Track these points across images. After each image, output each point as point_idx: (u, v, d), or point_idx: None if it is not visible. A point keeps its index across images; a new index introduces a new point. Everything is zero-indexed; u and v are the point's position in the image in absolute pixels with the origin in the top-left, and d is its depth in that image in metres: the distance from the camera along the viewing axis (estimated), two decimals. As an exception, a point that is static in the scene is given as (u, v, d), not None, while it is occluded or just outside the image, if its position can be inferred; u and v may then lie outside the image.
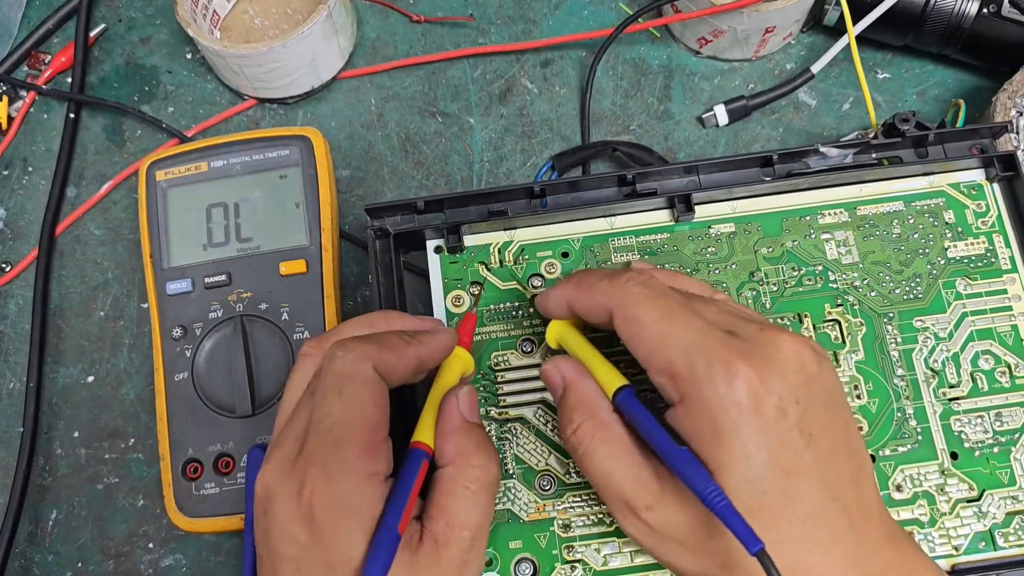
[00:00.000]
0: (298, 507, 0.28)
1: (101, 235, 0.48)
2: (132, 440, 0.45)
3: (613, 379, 0.31)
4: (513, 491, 0.37)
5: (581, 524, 0.36)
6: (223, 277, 0.42)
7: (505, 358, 0.38)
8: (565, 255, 0.40)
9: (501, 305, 0.39)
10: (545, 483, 0.37)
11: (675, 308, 0.30)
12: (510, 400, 0.38)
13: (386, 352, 0.31)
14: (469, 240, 0.40)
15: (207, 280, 0.42)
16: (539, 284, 0.39)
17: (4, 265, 0.48)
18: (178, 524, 0.40)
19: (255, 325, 0.41)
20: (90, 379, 0.46)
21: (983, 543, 0.36)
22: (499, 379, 0.38)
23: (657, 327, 0.29)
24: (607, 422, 0.31)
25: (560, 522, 0.36)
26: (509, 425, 0.37)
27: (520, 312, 0.39)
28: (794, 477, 0.27)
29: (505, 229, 0.40)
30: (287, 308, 0.42)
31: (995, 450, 0.37)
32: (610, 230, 0.40)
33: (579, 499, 0.36)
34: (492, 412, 0.38)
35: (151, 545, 0.43)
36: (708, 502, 0.26)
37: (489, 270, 0.40)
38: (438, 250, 0.40)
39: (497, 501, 0.36)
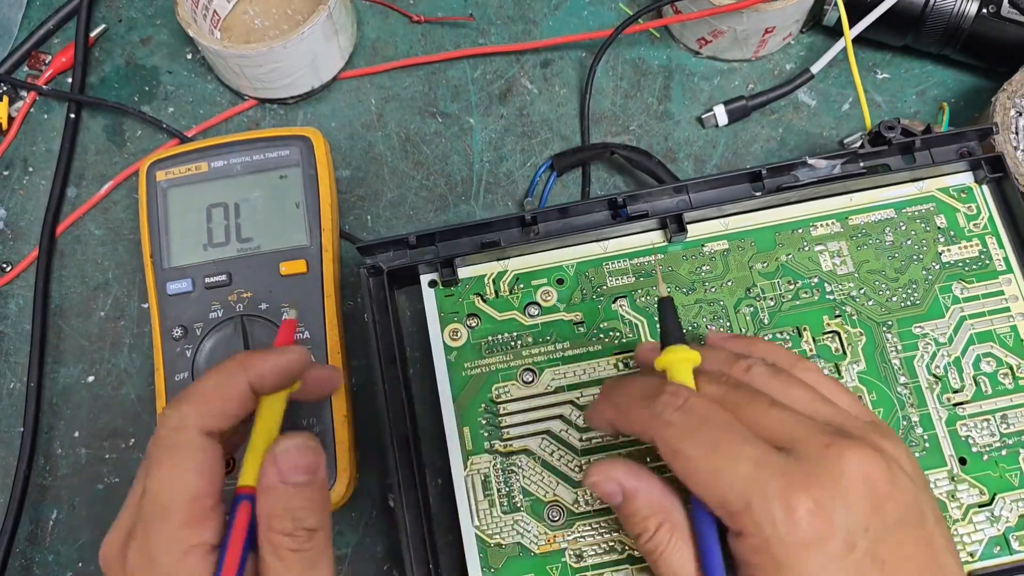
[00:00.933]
0: None
1: (101, 235, 0.48)
2: (132, 440, 0.45)
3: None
4: (522, 524, 0.36)
5: (593, 553, 0.36)
6: (223, 277, 0.42)
7: (507, 390, 0.38)
8: (560, 282, 0.40)
9: (499, 336, 0.39)
10: (554, 514, 0.36)
11: (721, 437, 0.27)
12: (514, 432, 0.38)
13: (205, 406, 0.29)
14: (463, 272, 0.40)
15: (207, 280, 0.42)
16: (536, 312, 0.39)
17: (4, 265, 0.48)
18: (178, 524, 0.40)
19: (255, 325, 0.41)
20: (90, 379, 0.46)
21: (998, 547, 0.36)
22: (501, 411, 0.38)
23: (704, 463, 0.27)
24: (683, 524, 0.29)
25: (572, 552, 0.36)
26: (515, 458, 0.37)
27: (519, 342, 0.39)
28: None
29: (498, 259, 0.40)
30: (287, 308, 0.42)
31: (1003, 453, 0.37)
32: (604, 254, 0.40)
33: (589, 528, 0.36)
34: (496, 445, 0.37)
35: (151, 545, 0.43)
36: None
37: (485, 301, 0.40)
38: (432, 284, 0.40)
39: (506, 534, 0.36)
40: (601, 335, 0.39)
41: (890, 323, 0.39)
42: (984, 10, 0.45)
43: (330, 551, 0.29)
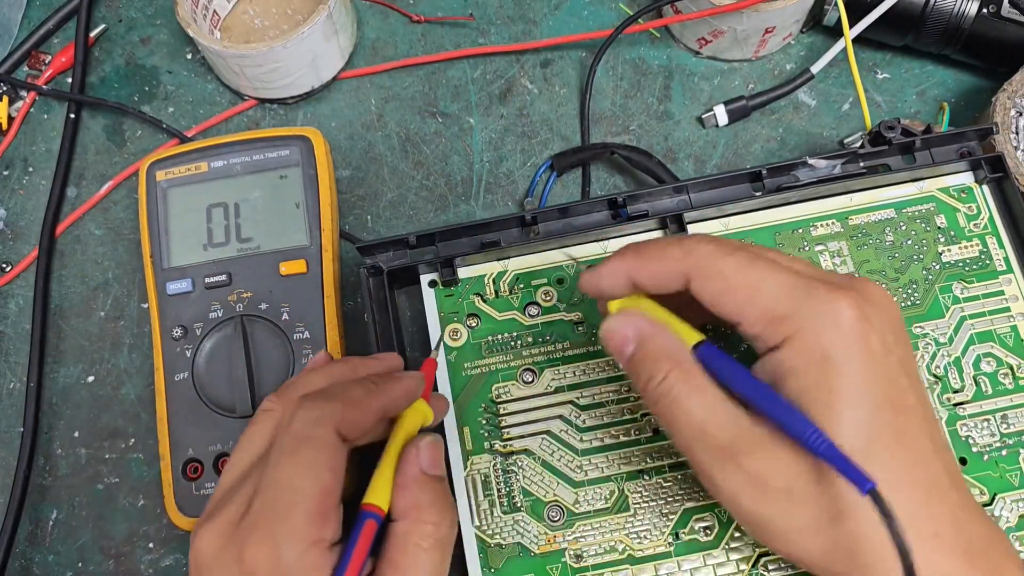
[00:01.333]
0: (239, 573, 0.27)
1: (101, 235, 0.48)
2: (132, 440, 0.45)
3: (690, 334, 0.30)
4: (522, 524, 0.36)
5: (593, 553, 0.36)
6: (223, 277, 0.42)
7: (507, 390, 0.38)
8: (560, 281, 0.40)
9: (499, 336, 0.39)
10: (554, 514, 0.36)
11: (758, 258, 0.29)
12: (514, 432, 0.38)
13: (349, 410, 0.29)
14: (463, 272, 0.40)
15: (207, 280, 0.42)
16: (536, 312, 0.39)
17: (4, 265, 0.48)
18: (178, 524, 0.40)
19: (255, 325, 0.41)
20: (90, 379, 0.46)
21: None
22: (502, 411, 0.38)
23: (745, 278, 0.28)
24: (695, 370, 0.29)
25: (572, 553, 0.36)
26: (515, 458, 0.37)
27: (519, 342, 0.39)
28: (902, 415, 0.27)
29: (499, 259, 0.40)
30: (287, 308, 0.42)
31: (1003, 453, 0.37)
32: (604, 254, 0.40)
33: (590, 528, 0.36)
34: (496, 445, 0.37)
35: (151, 545, 0.43)
36: (810, 445, 0.25)
37: (485, 301, 0.40)
38: (432, 284, 0.40)
39: (506, 534, 0.36)
40: (601, 335, 0.39)
41: (890, 323, 0.39)
42: (984, 10, 0.45)
43: (448, 551, 0.30)
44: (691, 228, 0.40)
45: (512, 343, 0.39)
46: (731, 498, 0.28)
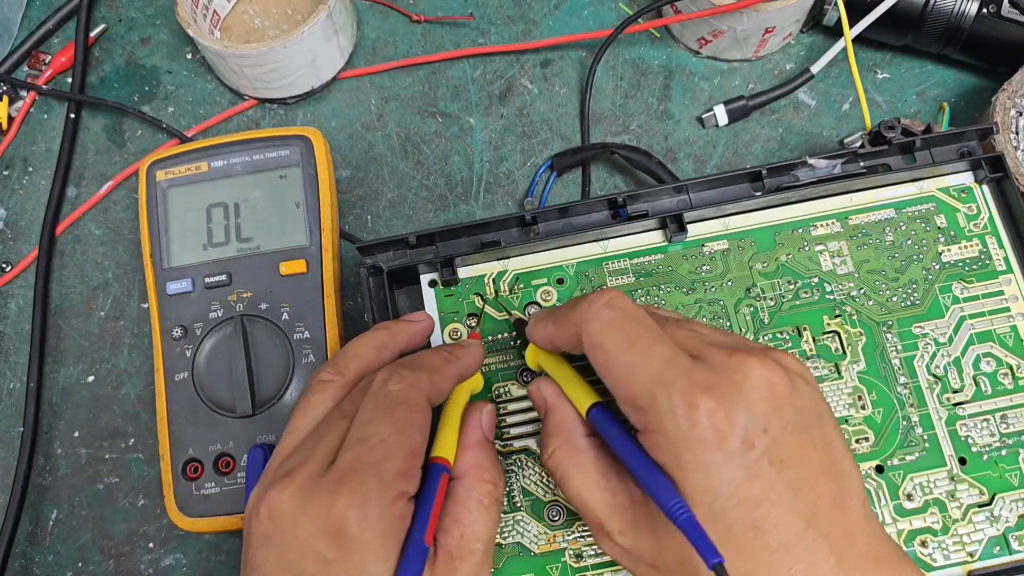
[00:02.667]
0: (327, 524, 0.28)
1: (101, 235, 0.48)
2: (132, 440, 0.45)
3: (586, 397, 0.32)
4: (522, 523, 0.36)
5: (593, 553, 0.36)
6: (223, 277, 0.42)
7: (506, 389, 0.38)
8: (560, 281, 0.40)
9: (499, 336, 0.39)
10: (554, 513, 0.36)
11: (640, 335, 0.29)
12: (514, 432, 0.38)
13: (434, 376, 0.32)
14: (463, 272, 0.40)
15: (207, 280, 0.42)
16: (536, 312, 0.39)
17: (4, 265, 0.48)
18: (178, 524, 0.40)
19: (255, 325, 0.41)
20: (90, 379, 0.46)
21: (997, 548, 0.36)
22: (501, 411, 0.38)
23: (621, 357, 0.29)
24: (581, 448, 0.31)
25: (571, 552, 0.36)
26: (514, 457, 0.37)
27: (519, 342, 0.39)
28: (763, 507, 0.27)
29: (498, 259, 0.40)
30: (287, 308, 0.42)
31: (1003, 453, 0.37)
32: (603, 254, 0.40)
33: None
34: (496, 445, 0.37)
35: (151, 545, 0.43)
36: (671, 514, 0.26)
37: (485, 301, 0.40)
38: (432, 284, 0.40)
39: (506, 534, 0.36)
40: (601, 335, 0.39)
41: (890, 323, 0.39)
42: (984, 10, 0.45)
43: (501, 509, 0.33)
44: (691, 228, 0.40)
45: (512, 343, 0.39)
46: (614, 559, 0.31)
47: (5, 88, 0.51)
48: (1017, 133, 0.43)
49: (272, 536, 0.29)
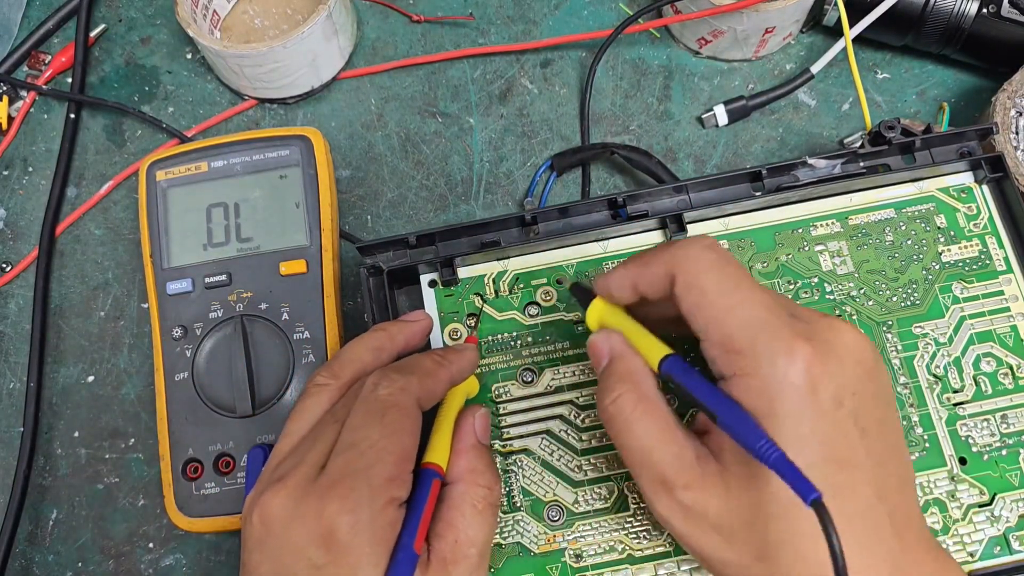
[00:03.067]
0: (318, 529, 0.28)
1: (101, 235, 0.48)
2: (132, 440, 0.45)
3: (659, 349, 0.30)
4: (522, 524, 0.36)
5: (593, 552, 0.36)
6: (223, 277, 0.42)
7: (506, 389, 0.38)
8: (560, 281, 0.40)
9: (499, 336, 0.39)
10: (554, 514, 0.36)
11: (741, 279, 0.29)
12: (514, 432, 0.38)
13: (425, 380, 0.32)
14: (463, 272, 0.40)
15: (207, 280, 0.42)
16: (536, 312, 0.39)
17: (4, 265, 0.48)
18: (178, 524, 0.40)
19: (255, 325, 0.41)
20: (90, 379, 0.46)
21: (998, 548, 0.36)
22: (501, 411, 0.38)
23: (720, 297, 0.28)
24: (652, 397, 0.30)
25: (571, 552, 0.36)
26: (514, 457, 0.37)
27: (519, 342, 0.39)
28: (845, 470, 0.27)
29: (498, 259, 0.40)
30: (287, 308, 0.42)
31: (1003, 452, 0.37)
32: (604, 254, 0.40)
33: (589, 528, 0.36)
34: (496, 445, 0.37)
35: (151, 545, 0.43)
36: (761, 454, 0.25)
37: (485, 301, 0.40)
38: (432, 284, 0.40)
39: (506, 534, 0.36)
40: (601, 335, 0.39)
41: (890, 323, 0.39)
42: (984, 10, 0.45)
43: (497, 514, 0.32)
44: (691, 228, 0.40)
45: (512, 343, 0.39)
46: (664, 522, 0.29)
47: (5, 88, 0.51)
48: (1017, 133, 0.43)
49: (266, 541, 0.29)
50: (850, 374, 0.27)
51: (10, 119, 0.50)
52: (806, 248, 0.40)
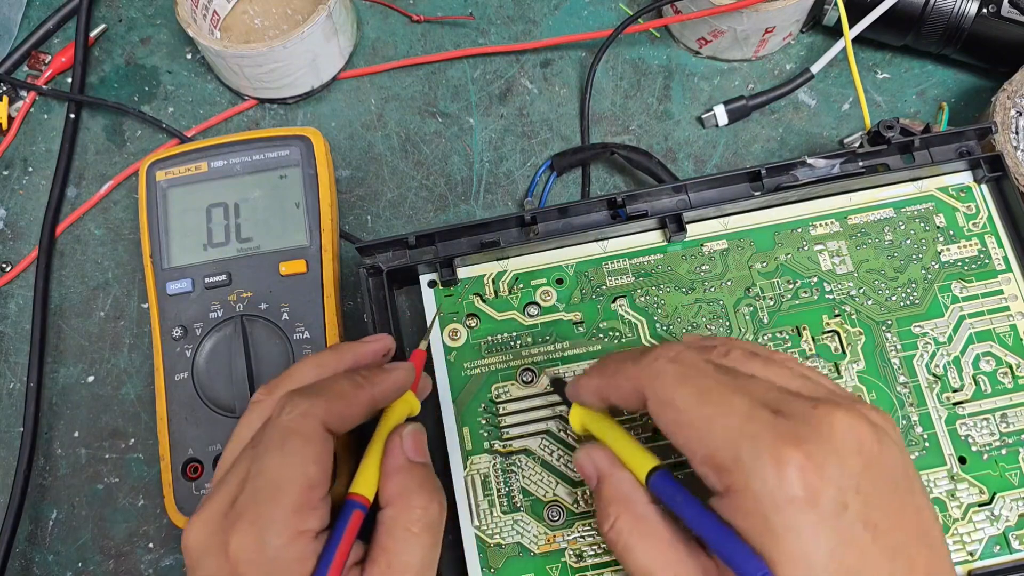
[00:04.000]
0: (224, 563, 0.27)
1: (101, 235, 0.48)
2: (132, 440, 0.45)
3: (645, 461, 0.29)
4: (522, 524, 0.36)
5: (593, 553, 0.36)
6: (223, 277, 0.42)
7: (506, 389, 0.38)
8: (560, 281, 0.40)
9: (499, 336, 0.39)
10: (554, 514, 0.36)
11: (714, 388, 0.27)
12: (514, 432, 0.38)
13: (335, 403, 0.30)
14: (462, 272, 0.40)
15: (207, 280, 0.42)
16: (535, 312, 0.39)
17: (4, 265, 0.48)
18: (178, 524, 0.40)
19: (255, 325, 0.41)
20: (90, 379, 0.46)
21: (998, 547, 0.36)
22: (501, 411, 0.38)
23: (695, 412, 0.27)
24: (644, 515, 0.29)
25: (572, 552, 0.36)
26: (514, 458, 0.37)
27: (518, 342, 0.39)
28: (855, 572, 0.24)
29: (498, 259, 0.40)
30: (287, 308, 0.42)
31: (1003, 452, 0.37)
32: (603, 254, 0.40)
33: (589, 528, 0.36)
34: (496, 445, 0.38)
35: (151, 545, 0.43)
36: None
37: (484, 301, 0.40)
38: (432, 284, 0.40)
39: (506, 534, 0.36)
40: (600, 335, 0.39)
41: (889, 322, 0.39)
42: (984, 10, 0.45)
43: (438, 534, 0.31)
44: (690, 228, 0.40)
45: (511, 343, 0.39)
46: None
47: (5, 88, 0.51)
48: (1017, 133, 0.43)
49: (192, 569, 0.28)
50: (851, 470, 0.25)
51: (10, 119, 0.50)
52: (805, 248, 0.40)
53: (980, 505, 0.36)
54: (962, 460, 0.37)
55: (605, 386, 0.31)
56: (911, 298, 0.39)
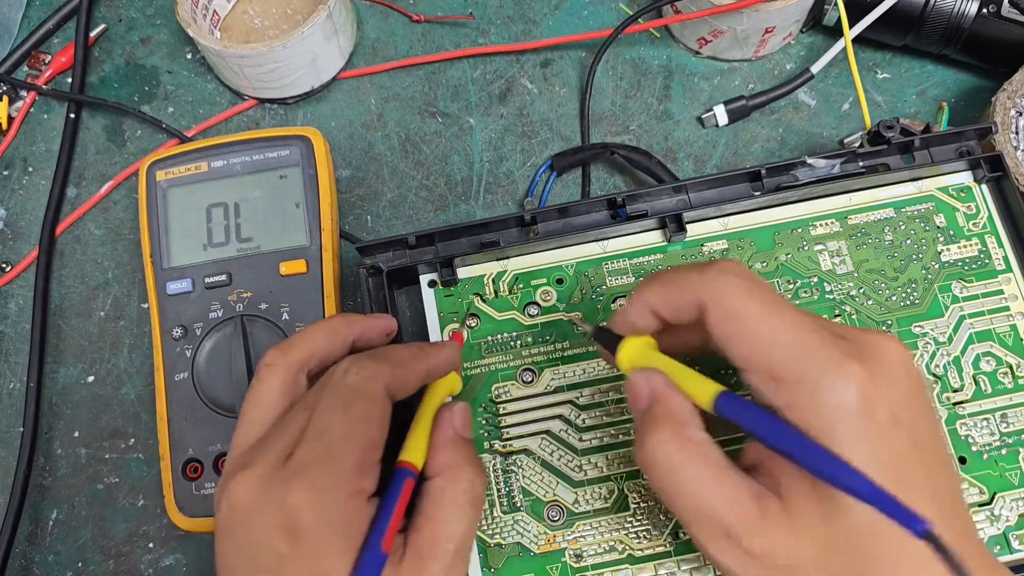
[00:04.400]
0: (281, 517, 0.27)
1: (101, 235, 0.48)
2: (132, 440, 0.45)
3: (708, 386, 0.28)
4: (522, 524, 0.36)
5: (593, 553, 0.36)
6: (223, 277, 0.42)
7: (506, 389, 0.38)
8: (560, 281, 0.40)
9: (499, 336, 0.39)
10: (554, 514, 0.36)
11: (779, 303, 0.28)
12: (514, 432, 0.38)
13: (398, 370, 0.31)
14: (462, 272, 0.40)
15: (207, 280, 0.42)
16: (535, 312, 0.39)
17: (4, 265, 0.48)
18: (178, 524, 0.40)
19: (255, 325, 0.41)
20: (90, 379, 0.46)
21: (998, 547, 0.36)
22: (501, 411, 0.38)
23: (761, 324, 0.27)
24: (697, 440, 0.28)
25: (571, 552, 0.36)
26: (514, 458, 0.37)
27: (518, 342, 0.39)
28: (908, 490, 0.25)
29: (498, 259, 0.40)
30: (287, 308, 0.42)
31: (1003, 452, 0.37)
32: (603, 254, 0.40)
33: (589, 528, 0.36)
34: (496, 445, 0.37)
35: (151, 545, 0.43)
36: (852, 487, 0.23)
37: (484, 301, 0.40)
38: (432, 284, 0.40)
39: (506, 534, 0.36)
40: (601, 335, 0.39)
41: (889, 322, 0.39)
42: (984, 10, 0.45)
43: (480, 509, 0.31)
44: (690, 228, 0.40)
45: (512, 343, 0.39)
46: (725, 571, 0.27)
47: (5, 88, 0.51)
48: (1017, 133, 0.43)
49: (233, 528, 0.28)
50: (903, 390, 0.27)
51: (10, 119, 0.50)
52: (805, 248, 0.40)
53: (980, 505, 0.36)
54: (962, 460, 0.37)
55: (664, 298, 0.30)
56: (911, 298, 0.39)
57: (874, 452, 0.25)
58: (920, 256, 0.40)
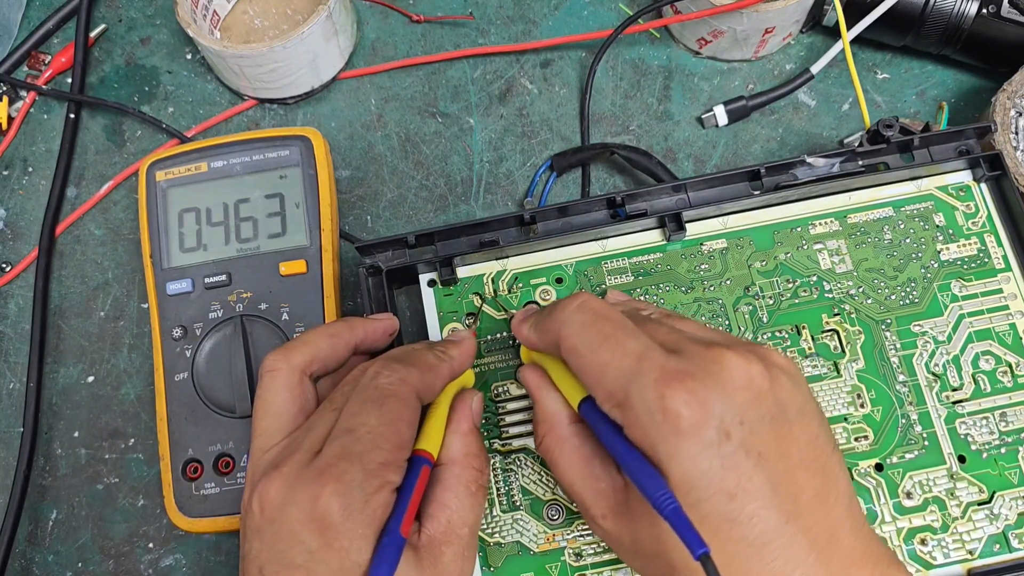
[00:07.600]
0: (312, 513, 0.28)
1: (101, 235, 0.48)
2: (132, 440, 0.45)
3: (577, 392, 0.32)
4: (521, 522, 0.37)
5: (592, 552, 0.36)
6: (223, 277, 0.42)
7: (505, 388, 0.38)
8: (559, 281, 0.40)
9: (498, 335, 0.39)
10: (553, 512, 0.37)
11: (612, 332, 0.29)
12: (513, 431, 0.38)
13: (426, 375, 0.32)
14: (462, 271, 0.40)
15: (207, 280, 0.42)
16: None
17: (4, 265, 0.48)
18: (178, 524, 0.40)
19: (255, 325, 0.41)
20: (90, 379, 0.46)
21: (997, 545, 0.36)
22: (500, 410, 0.38)
23: (594, 357, 0.29)
24: (565, 436, 0.32)
25: (571, 551, 0.36)
26: (514, 456, 0.37)
27: (518, 341, 0.39)
28: (739, 499, 0.26)
29: (497, 259, 0.40)
30: (287, 308, 0.42)
31: (1002, 451, 0.37)
32: (602, 253, 0.40)
33: (589, 527, 0.36)
34: (496, 444, 0.38)
35: (151, 545, 0.43)
36: (657, 504, 0.26)
37: (484, 300, 0.40)
38: (431, 283, 0.40)
39: (506, 533, 0.36)
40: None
41: (889, 321, 0.39)
42: (984, 10, 0.45)
43: (486, 497, 0.34)
44: (690, 227, 0.40)
45: (511, 342, 0.39)
46: (602, 540, 0.32)
47: (5, 88, 0.51)
48: (1017, 133, 0.43)
49: (263, 527, 0.29)
50: (736, 403, 0.27)
51: (10, 119, 0.50)
52: (805, 247, 0.40)
53: (980, 504, 0.36)
54: (961, 459, 0.37)
55: (535, 340, 0.34)
56: (910, 297, 0.39)
57: (696, 467, 0.26)
58: (919, 255, 0.40)
